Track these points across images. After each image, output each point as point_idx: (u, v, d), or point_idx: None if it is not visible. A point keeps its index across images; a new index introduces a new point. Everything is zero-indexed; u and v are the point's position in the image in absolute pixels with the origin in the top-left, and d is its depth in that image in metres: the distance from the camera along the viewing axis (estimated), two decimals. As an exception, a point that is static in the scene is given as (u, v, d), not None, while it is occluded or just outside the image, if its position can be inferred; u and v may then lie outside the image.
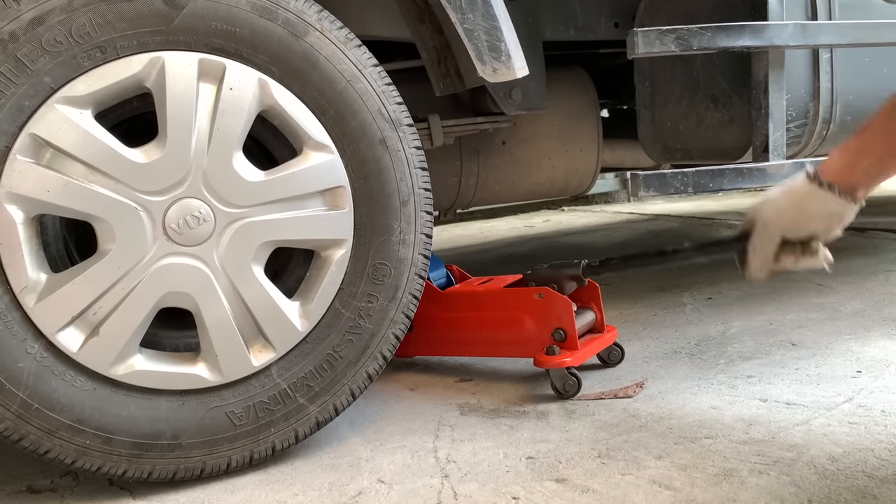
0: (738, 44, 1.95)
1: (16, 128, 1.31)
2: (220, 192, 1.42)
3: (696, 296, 2.68)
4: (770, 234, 1.42)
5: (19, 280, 1.33)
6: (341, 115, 1.50)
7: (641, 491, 1.34)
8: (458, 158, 2.61)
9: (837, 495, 1.27)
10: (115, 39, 1.35)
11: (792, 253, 1.43)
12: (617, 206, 5.90)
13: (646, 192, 2.00)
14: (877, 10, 2.18)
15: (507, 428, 1.65)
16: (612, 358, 2.01)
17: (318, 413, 1.53)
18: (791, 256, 1.43)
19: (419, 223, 1.58)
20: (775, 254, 1.44)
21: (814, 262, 1.44)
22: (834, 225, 1.39)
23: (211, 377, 1.45)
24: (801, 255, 1.43)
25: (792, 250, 1.43)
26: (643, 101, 2.35)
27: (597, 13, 2.31)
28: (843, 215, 1.37)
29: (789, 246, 1.43)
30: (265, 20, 1.44)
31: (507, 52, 1.70)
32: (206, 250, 1.43)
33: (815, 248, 1.42)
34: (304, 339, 1.51)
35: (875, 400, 1.65)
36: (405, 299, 1.58)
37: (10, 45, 1.30)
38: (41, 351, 1.35)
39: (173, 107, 1.38)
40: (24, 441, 1.36)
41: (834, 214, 1.36)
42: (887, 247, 3.32)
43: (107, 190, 1.35)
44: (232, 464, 1.49)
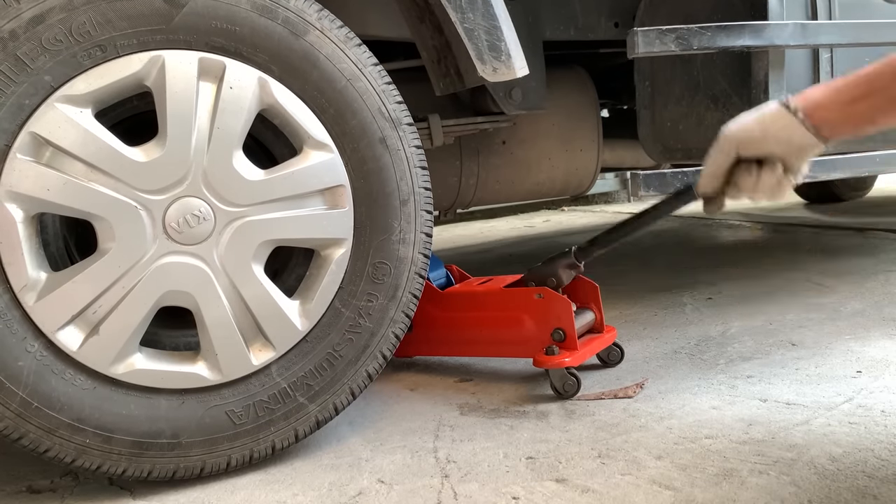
0: (738, 43, 1.94)
1: (16, 126, 1.31)
2: (220, 191, 1.42)
3: (696, 296, 2.68)
4: (725, 143, 1.38)
5: (19, 278, 1.33)
6: (341, 114, 1.50)
7: (641, 491, 1.34)
8: (458, 158, 2.61)
9: (837, 495, 1.27)
10: (116, 38, 1.35)
11: (748, 172, 1.39)
12: (617, 206, 5.90)
13: (646, 192, 2.00)
14: (877, 10, 2.18)
15: (507, 428, 1.65)
16: (611, 358, 2.01)
17: (318, 412, 1.53)
18: (748, 176, 1.38)
19: (419, 222, 1.58)
20: (729, 168, 1.40)
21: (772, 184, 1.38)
22: (792, 152, 1.33)
23: (211, 376, 1.45)
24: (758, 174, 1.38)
25: (748, 169, 1.39)
26: (643, 100, 2.35)
27: (597, 13, 2.31)
28: (803, 145, 1.31)
29: (746, 165, 1.39)
30: (265, 19, 1.44)
31: (507, 52, 1.70)
32: (205, 249, 1.43)
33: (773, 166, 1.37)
34: (304, 338, 1.51)
35: (875, 400, 1.65)
36: (405, 298, 1.58)
37: (10, 44, 1.30)
38: (41, 349, 1.35)
39: (173, 105, 1.38)
40: (23, 440, 1.35)
41: (793, 140, 1.31)
42: (887, 247, 3.32)
43: (107, 188, 1.35)
44: (232, 463, 1.48)
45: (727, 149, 1.39)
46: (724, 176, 1.41)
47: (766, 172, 1.37)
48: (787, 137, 1.32)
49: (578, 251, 1.87)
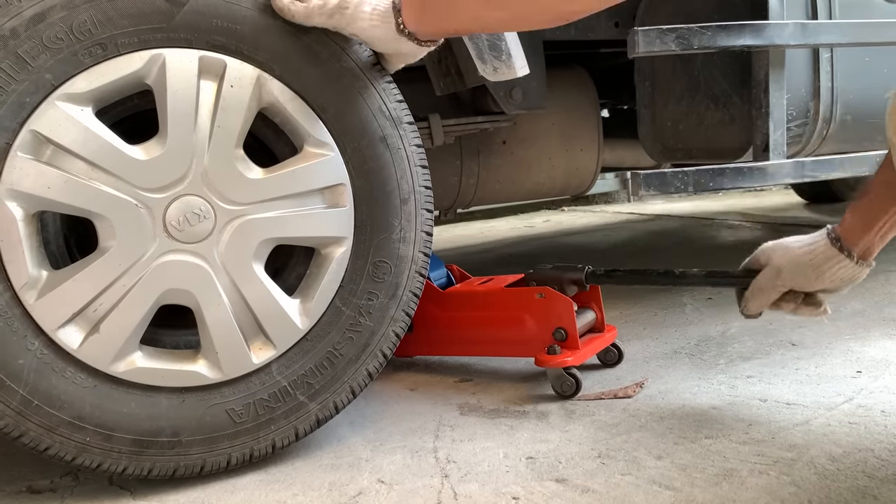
0: (739, 43, 1.95)
1: (16, 124, 1.31)
2: (220, 190, 1.42)
3: (696, 296, 2.68)
4: (780, 284, 1.46)
5: (20, 277, 1.32)
6: (342, 113, 1.50)
7: (641, 491, 1.34)
8: (459, 158, 2.61)
9: (837, 495, 1.27)
10: (116, 36, 1.35)
11: (793, 301, 1.46)
12: (617, 207, 5.90)
13: (646, 192, 2.00)
14: (877, 10, 2.18)
15: (507, 428, 1.65)
16: (609, 358, 2.01)
17: (319, 411, 1.53)
18: (791, 304, 1.46)
19: (420, 221, 1.58)
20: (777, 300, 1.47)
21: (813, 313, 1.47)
22: (846, 286, 1.42)
23: (211, 374, 1.45)
24: (802, 304, 1.46)
25: (794, 298, 1.45)
26: (643, 100, 2.35)
27: (597, 13, 2.31)
28: (858, 278, 1.41)
29: (792, 295, 1.45)
30: (266, 17, 1.44)
31: (507, 52, 1.69)
32: (206, 247, 1.42)
33: (819, 300, 1.45)
34: (305, 336, 1.51)
35: (875, 400, 1.65)
36: (406, 297, 1.58)
37: (10, 42, 1.30)
38: (41, 348, 1.35)
39: (174, 104, 1.38)
40: (24, 438, 1.35)
41: (849, 279, 1.40)
42: (887, 247, 3.31)
43: (107, 187, 1.35)
44: (232, 461, 1.48)
45: (781, 287, 1.48)
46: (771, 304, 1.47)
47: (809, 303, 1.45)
48: (844, 277, 1.43)
49: (591, 275, 1.88)
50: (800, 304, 1.48)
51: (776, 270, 1.46)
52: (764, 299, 1.50)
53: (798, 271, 1.44)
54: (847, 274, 1.41)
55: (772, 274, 1.47)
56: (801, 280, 1.44)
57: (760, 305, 1.52)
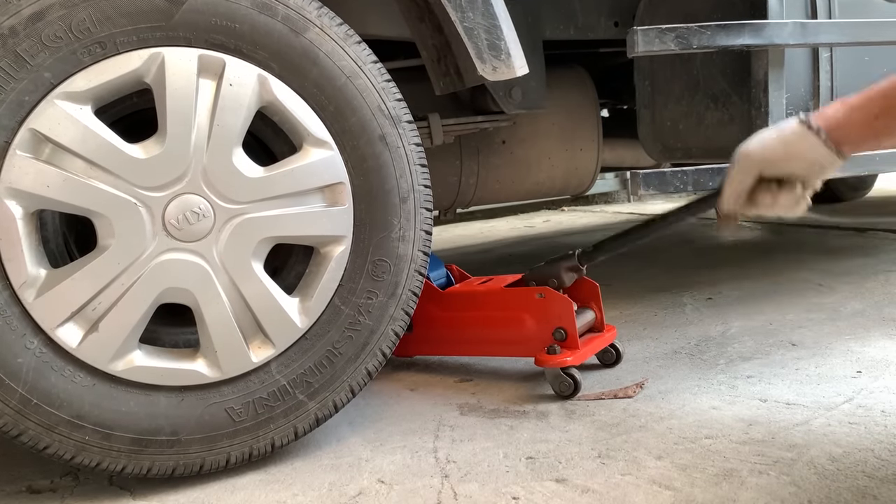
0: (738, 42, 1.94)
1: (15, 123, 1.31)
2: (219, 188, 1.42)
3: (696, 296, 2.68)
4: (748, 164, 1.38)
5: (19, 275, 1.33)
6: (341, 112, 1.50)
7: (641, 491, 1.33)
8: (458, 157, 2.61)
9: (837, 495, 1.27)
10: (115, 35, 1.35)
11: (768, 191, 1.40)
12: (617, 207, 5.89)
13: (645, 191, 2.00)
14: (877, 9, 2.18)
15: (507, 428, 1.65)
16: (607, 358, 2.01)
17: (318, 409, 1.53)
18: (768, 194, 1.40)
19: (419, 220, 1.58)
20: (750, 188, 1.41)
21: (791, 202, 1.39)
22: (814, 171, 1.35)
23: (210, 373, 1.45)
24: (777, 193, 1.40)
25: (768, 188, 1.40)
26: (643, 100, 2.35)
27: (597, 12, 2.31)
28: (825, 164, 1.33)
29: (766, 184, 1.40)
30: (265, 16, 1.44)
31: (506, 51, 1.70)
32: (205, 246, 1.42)
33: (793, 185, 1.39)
34: (304, 335, 1.51)
35: (875, 400, 1.65)
36: (405, 296, 1.57)
37: (9, 41, 1.30)
38: (40, 346, 1.35)
39: (173, 103, 1.38)
40: (23, 436, 1.35)
41: (816, 160, 1.33)
42: (887, 247, 3.32)
43: (106, 185, 1.35)
44: (231, 460, 1.48)
45: (750, 169, 1.39)
46: (746, 195, 1.41)
47: (786, 191, 1.39)
48: (811, 157, 1.33)
49: (582, 254, 1.87)
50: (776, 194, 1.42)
51: (744, 154, 1.41)
52: (737, 187, 1.42)
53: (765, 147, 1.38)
54: (815, 154, 1.33)
55: (740, 157, 1.41)
56: (770, 157, 1.37)
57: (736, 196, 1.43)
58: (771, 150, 1.37)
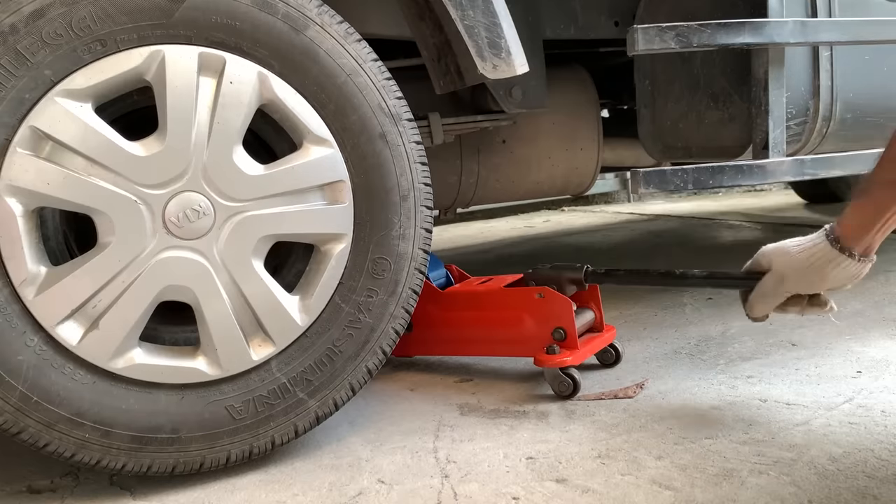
0: (738, 41, 1.94)
1: (16, 120, 1.31)
2: (219, 186, 1.42)
3: (696, 296, 2.68)
4: (784, 289, 1.48)
5: (19, 273, 1.33)
6: (341, 110, 1.50)
7: (641, 491, 1.33)
8: (459, 157, 2.61)
9: (837, 496, 1.27)
10: (116, 33, 1.35)
11: (799, 304, 1.47)
12: (617, 207, 5.90)
13: (646, 189, 2.00)
14: (877, 9, 2.18)
15: (507, 428, 1.64)
16: (606, 358, 2.01)
17: (318, 408, 1.53)
18: (797, 307, 1.48)
19: (419, 218, 1.58)
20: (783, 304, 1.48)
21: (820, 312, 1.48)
22: (850, 283, 1.45)
23: (210, 371, 1.45)
24: (808, 306, 1.47)
25: (799, 301, 1.47)
26: (643, 99, 2.35)
27: (597, 11, 2.31)
28: (861, 274, 1.44)
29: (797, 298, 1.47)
30: (266, 14, 1.44)
31: (507, 49, 1.70)
32: (205, 244, 1.42)
33: (824, 300, 1.46)
34: (304, 333, 1.50)
35: (875, 400, 1.65)
36: (405, 294, 1.57)
37: (10, 38, 1.30)
38: (41, 344, 1.35)
39: (173, 100, 1.38)
40: (23, 434, 1.35)
41: (853, 276, 1.42)
42: (887, 247, 3.28)
43: (106, 183, 1.35)
44: (231, 458, 1.48)
45: (786, 291, 1.49)
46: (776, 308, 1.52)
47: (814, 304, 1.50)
48: (847, 275, 1.44)
49: (590, 274, 1.87)
50: (805, 306, 1.49)
51: (780, 277, 1.48)
52: (769, 304, 1.52)
53: (801, 276, 1.46)
54: (850, 272, 1.42)
55: (775, 280, 1.49)
56: (806, 284, 1.46)
57: (765, 310, 1.53)
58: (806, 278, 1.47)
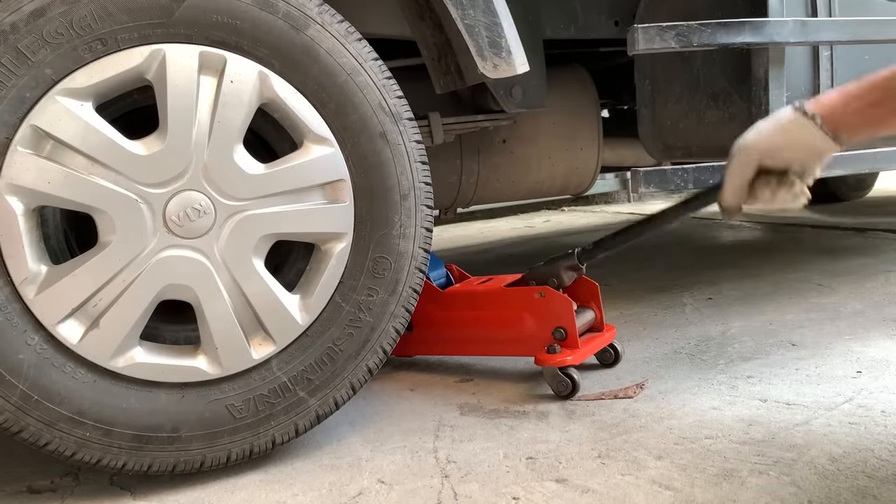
0: (738, 40, 1.94)
1: (17, 119, 1.31)
2: (220, 185, 1.42)
3: (697, 296, 2.68)
4: (748, 156, 1.40)
5: (19, 271, 1.32)
6: (342, 109, 1.50)
7: (641, 491, 1.33)
8: (459, 157, 2.61)
9: (837, 496, 1.27)
10: (117, 31, 1.35)
11: (767, 185, 1.41)
12: (617, 207, 5.90)
13: (646, 188, 2.00)
14: (877, 8, 2.17)
15: (507, 428, 1.64)
16: (605, 358, 2.01)
17: (319, 406, 1.53)
18: (766, 188, 1.41)
19: (419, 217, 1.58)
20: (751, 180, 1.42)
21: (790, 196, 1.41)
22: (812, 159, 1.36)
23: (211, 370, 1.45)
24: (777, 186, 1.41)
25: (767, 181, 1.41)
26: (644, 99, 2.35)
27: (597, 11, 2.31)
28: (822, 150, 1.34)
29: (765, 176, 1.42)
30: (266, 13, 1.44)
31: (507, 48, 1.70)
32: (206, 243, 1.42)
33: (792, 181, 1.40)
34: (305, 332, 1.50)
35: (875, 400, 1.65)
36: (405, 293, 1.57)
37: (11, 37, 1.30)
38: (41, 342, 1.35)
39: (174, 99, 1.38)
40: (23, 433, 1.35)
41: (813, 147, 1.34)
42: (887, 247, 3.32)
43: (107, 182, 1.35)
44: (232, 457, 1.48)
45: (750, 161, 1.40)
46: (747, 187, 1.43)
47: (786, 184, 1.40)
48: (809, 143, 1.34)
49: (582, 253, 1.87)
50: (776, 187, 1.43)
51: (743, 146, 1.42)
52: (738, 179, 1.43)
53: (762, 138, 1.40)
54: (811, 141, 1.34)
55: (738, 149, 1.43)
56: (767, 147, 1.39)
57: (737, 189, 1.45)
58: (769, 140, 1.38)
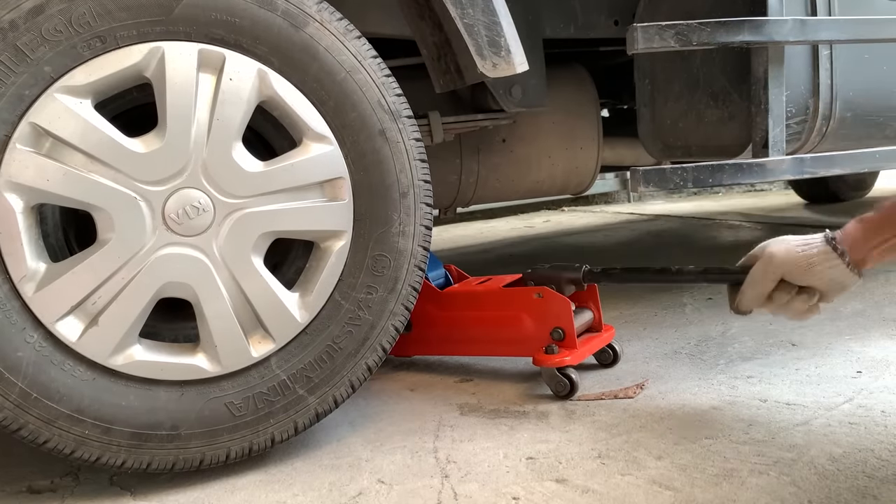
0: (738, 39, 1.94)
1: (16, 117, 1.31)
2: (219, 183, 1.42)
3: (696, 296, 2.68)
4: (773, 269, 1.48)
5: (18, 269, 1.32)
6: (341, 106, 1.49)
7: (641, 491, 1.33)
8: (458, 156, 2.61)
9: (837, 496, 1.27)
10: (115, 29, 1.35)
11: (786, 292, 1.47)
12: (617, 207, 5.90)
13: (645, 187, 1.99)
14: (877, 7, 2.17)
15: (507, 428, 1.64)
16: (604, 358, 2.00)
17: (318, 405, 1.53)
18: (785, 294, 1.47)
19: (419, 215, 1.57)
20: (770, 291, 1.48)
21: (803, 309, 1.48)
22: (834, 289, 1.46)
23: (210, 368, 1.44)
24: (794, 297, 1.47)
25: (787, 290, 1.47)
26: (643, 98, 2.35)
27: (597, 11, 2.32)
28: (846, 284, 1.44)
29: (785, 286, 1.47)
30: (265, 11, 1.43)
31: (506, 47, 1.70)
32: (205, 241, 1.42)
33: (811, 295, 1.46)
34: (304, 330, 1.50)
35: (875, 400, 1.64)
36: (405, 291, 1.57)
37: (9, 34, 1.30)
38: (40, 340, 1.34)
39: (173, 97, 1.38)
40: (22, 431, 1.35)
41: (837, 280, 1.44)
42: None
43: (106, 179, 1.35)
44: (231, 455, 1.48)
45: (774, 275, 1.48)
46: (766, 298, 1.50)
47: (802, 298, 1.48)
48: (833, 276, 1.43)
49: (588, 273, 1.87)
50: (793, 296, 1.48)
51: (769, 257, 1.48)
52: (757, 289, 1.50)
53: (790, 259, 1.46)
54: (837, 275, 1.43)
55: (765, 261, 1.49)
56: (793, 269, 1.45)
57: (754, 296, 1.52)
58: (797, 263, 1.47)
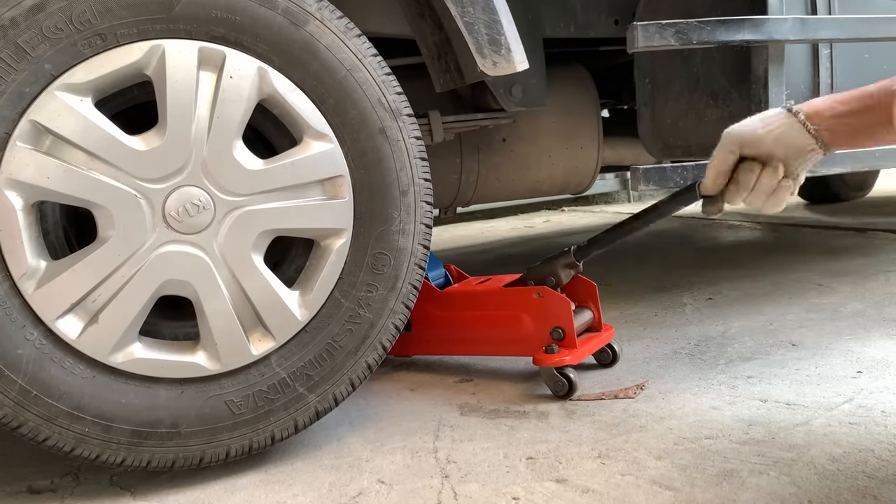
0: (738, 38, 1.94)
1: (16, 114, 1.31)
2: (219, 181, 1.42)
3: (697, 296, 2.68)
4: (730, 142, 1.42)
5: (19, 266, 1.32)
6: (341, 105, 1.49)
7: (642, 491, 1.33)
8: (459, 156, 2.61)
9: (837, 496, 1.26)
10: (116, 27, 1.35)
11: (750, 170, 1.42)
12: (617, 207, 5.91)
13: (646, 186, 1.99)
14: (877, 6, 2.17)
15: (507, 428, 1.64)
16: (603, 358, 2.00)
17: (318, 403, 1.53)
18: (750, 173, 1.42)
19: (419, 213, 1.57)
20: (732, 166, 1.43)
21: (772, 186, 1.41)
22: (793, 154, 1.38)
23: (210, 366, 1.44)
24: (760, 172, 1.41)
25: (750, 168, 1.42)
26: (643, 98, 2.35)
27: (597, 10, 2.31)
28: (804, 149, 1.37)
29: (748, 163, 1.42)
30: (265, 9, 1.43)
31: (507, 46, 1.70)
32: (205, 238, 1.42)
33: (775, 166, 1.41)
34: (304, 328, 1.50)
35: (875, 400, 1.64)
36: (405, 289, 1.57)
37: (10, 32, 1.29)
38: (40, 338, 1.34)
39: (173, 95, 1.37)
40: (22, 428, 1.35)
41: (794, 142, 1.37)
42: (887, 247, 3.32)
43: (106, 177, 1.35)
44: (231, 453, 1.48)
45: (731, 146, 1.42)
46: (727, 173, 1.45)
47: (767, 173, 1.41)
48: (789, 138, 1.37)
49: (577, 251, 1.87)
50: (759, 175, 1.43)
51: (726, 132, 1.44)
52: (718, 165, 1.45)
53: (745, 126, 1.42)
54: (793, 137, 1.36)
55: (723, 136, 1.45)
56: (748, 135, 1.40)
57: (716, 174, 1.46)
58: (751, 128, 1.41)
